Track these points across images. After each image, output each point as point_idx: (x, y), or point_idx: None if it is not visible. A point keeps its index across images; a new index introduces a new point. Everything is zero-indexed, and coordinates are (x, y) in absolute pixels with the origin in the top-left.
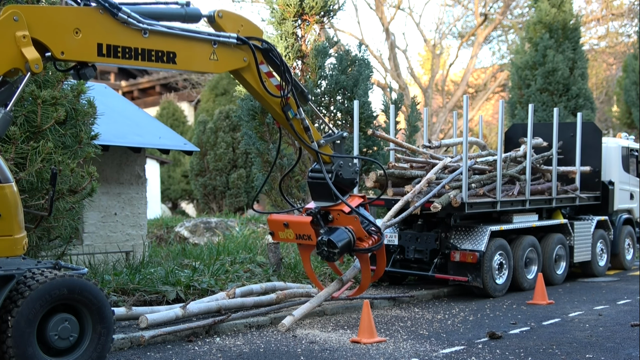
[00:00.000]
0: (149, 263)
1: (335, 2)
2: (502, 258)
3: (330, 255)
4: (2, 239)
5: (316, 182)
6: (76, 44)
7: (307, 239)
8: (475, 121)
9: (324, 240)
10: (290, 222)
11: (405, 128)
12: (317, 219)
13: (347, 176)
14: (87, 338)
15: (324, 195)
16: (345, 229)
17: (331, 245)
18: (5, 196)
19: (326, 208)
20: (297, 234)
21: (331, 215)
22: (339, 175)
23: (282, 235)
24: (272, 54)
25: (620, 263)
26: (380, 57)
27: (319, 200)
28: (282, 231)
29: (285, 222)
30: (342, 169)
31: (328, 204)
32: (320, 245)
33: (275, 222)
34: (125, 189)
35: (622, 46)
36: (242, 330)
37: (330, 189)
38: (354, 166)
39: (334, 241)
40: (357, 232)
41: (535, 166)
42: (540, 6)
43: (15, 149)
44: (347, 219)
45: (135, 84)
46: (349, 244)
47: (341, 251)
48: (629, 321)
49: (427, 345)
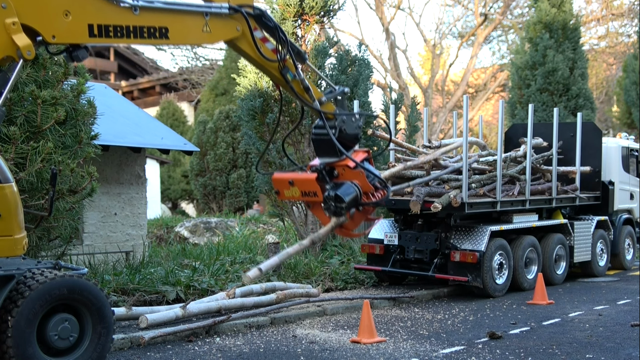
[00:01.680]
0: (149, 263)
1: (335, 2)
2: (502, 258)
3: (337, 210)
4: (2, 239)
5: (320, 139)
6: (67, 27)
7: (314, 196)
8: (475, 121)
9: (330, 195)
10: (296, 180)
11: (405, 128)
12: (323, 175)
13: (350, 131)
14: (87, 338)
15: (328, 152)
16: (351, 183)
17: (338, 200)
18: (5, 196)
19: (331, 164)
20: (302, 191)
21: (336, 171)
22: (342, 131)
23: (288, 193)
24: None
25: (620, 263)
26: (380, 57)
27: (323, 157)
28: (287, 189)
29: (291, 179)
30: (345, 124)
31: (333, 160)
32: (328, 200)
33: (280, 180)
34: (125, 189)
35: (622, 46)
36: (242, 330)
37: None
38: (357, 121)
39: (341, 196)
40: (363, 186)
41: (535, 166)
42: (540, 6)
43: (15, 149)
44: (352, 174)
45: (135, 84)
46: (356, 199)
47: (349, 205)
48: (629, 321)
49: (427, 345)
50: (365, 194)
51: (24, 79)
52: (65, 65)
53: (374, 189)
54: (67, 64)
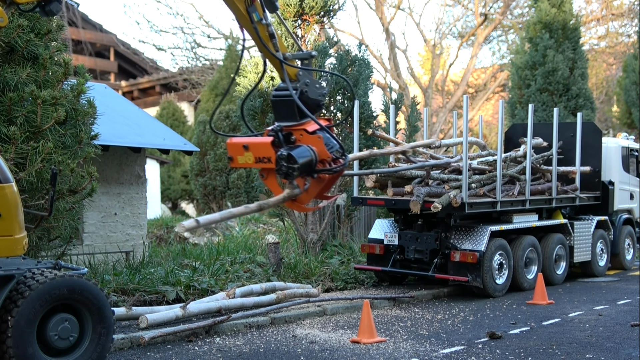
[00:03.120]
0: (149, 263)
1: (335, 2)
2: (502, 258)
3: (289, 171)
4: (3, 239)
5: (280, 100)
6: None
7: (268, 162)
8: (475, 121)
9: (283, 155)
10: (250, 144)
11: (405, 128)
12: (279, 140)
13: (312, 96)
14: (87, 338)
15: (287, 115)
16: (308, 147)
17: (291, 161)
18: (6, 196)
19: (289, 128)
20: (256, 157)
21: (294, 135)
22: (304, 93)
23: (242, 159)
24: None
25: (620, 263)
26: (380, 57)
27: (281, 120)
28: (241, 155)
29: (245, 144)
30: (308, 87)
31: (291, 123)
32: (279, 160)
33: (234, 145)
34: (125, 189)
35: (622, 46)
36: (242, 330)
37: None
38: (321, 88)
39: (294, 156)
40: (321, 153)
41: (535, 166)
42: (540, 6)
43: (15, 149)
44: (310, 139)
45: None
46: (310, 163)
47: (301, 168)
48: (629, 321)
49: (427, 345)
50: (322, 162)
51: (24, 79)
52: (65, 65)
53: (331, 158)
54: (68, 63)
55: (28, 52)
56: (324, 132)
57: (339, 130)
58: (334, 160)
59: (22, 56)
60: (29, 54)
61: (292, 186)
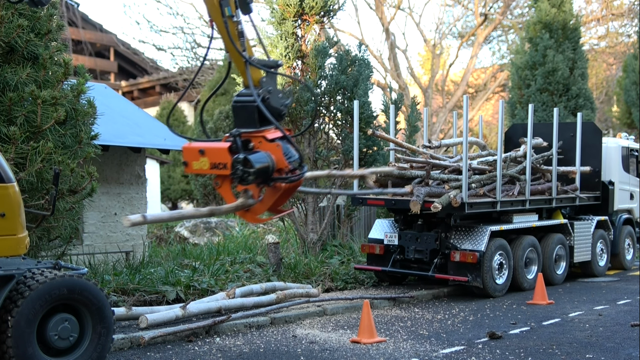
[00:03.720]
0: (149, 263)
1: (335, 2)
2: (502, 258)
3: (244, 175)
4: (7, 239)
5: (240, 106)
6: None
7: (223, 168)
8: (475, 121)
9: (239, 158)
10: (207, 149)
11: (405, 128)
12: (236, 145)
13: (274, 104)
14: (87, 338)
15: (247, 121)
16: (266, 153)
17: (247, 164)
18: (9, 196)
19: (248, 134)
20: (212, 163)
21: (252, 143)
22: (265, 100)
23: (197, 165)
24: None
25: (620, 263)
26: (380, 57)
27: (241, 126)
28: (196, 160)
29: (202, 149)
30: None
31: (250, 129)
32: (235, 164)
33: (190, 149)
34: (125, 189)
35: (622, 46)
36: (242, 330)
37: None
38: (284, 98)
39: (251, 160)
40: (278, 161)
41: (535, 166)
42: (540, 6)
43: (15, 149)
44: (269, 147)
45: (135, 84)
46: (267, 169)
47: (257, 173)
48: (629, 321)
49: (427, 345)
50: (279, 171)
51: (24, 79)
52: (65, 65)
53: (289, 168)
54: (68, 63)
55: (28, 52)
56: (284, 141)
57: (339, 131)
58: (292, 171)
59: (22, 56)
60: (29, 54)
61: (247, 195)
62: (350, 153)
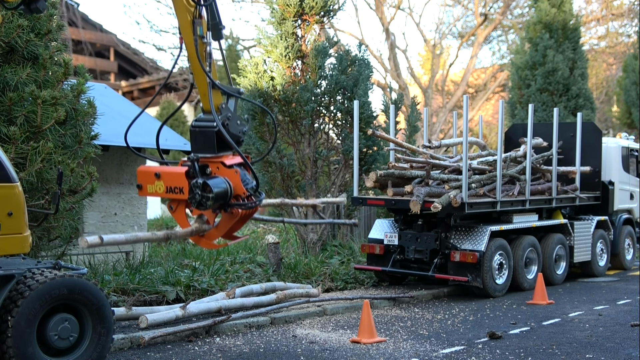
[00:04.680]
0: (149, 263)
1: (335, 2)
2: (502, 258)
3: (202, 200)
4: (14, 237)
5: (199, 131)
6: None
7: (179, 193)
8: (475, 121)
9: (198, 183)
10: (163, 173)
11: (405, 128)
12: (194, 170)
13: (233, 131)
14: (87, 338)
15: (205, 146)
16: (224, 179)
17: (206, 189)
18: (16, 195)
19: (206, 159)
20: (167, 187)
21: (209, 168)
22: (225, 126)
23: (151, 189)
24: None
25: (620, 263)
26: (380, 57)
27: (199, 151)
28: (151, 184)
29: (157, 172)
30: (229, 121)
31: (208, 155)
32: (194, 188)
33: (145, 172)
34: (125, 189)
35: (622, 46)
36: (242, 330)
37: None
38: (242, 125)
39: (210, 185)
40: (236, 187)
41: (535, 166)
42: (540, 6)
43: (15, 149)
44: (227, 172)
45: (135, 84)
46: (226, 194)
47: (216, 198)
48: (629, 321)
49: (427, 345)
50: (236, 198)
51: (24, 79)
52: (65, 65)
53: (246, 194)
54: (68, 63)
55: (28, 52)
56: (241, 168)
57: (339, 131)
58: (248, 197)
59: (22, 56)
60: (29, 54)
61: (202, 221)
62: (350, 153)
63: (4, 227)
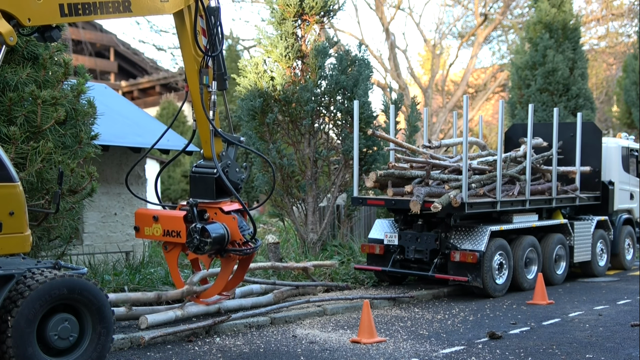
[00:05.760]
0: (149, 263)
1: (335, 2)
2: (502, 258)
3: (200, 244)
4: (15, 236)
5: (199, 177)
6: (40, 9)
7: (176, 236)
8: (475, 121)
9: (197, 228)
10: (161, 216)
11: (405, 128)
12: (192, 215)
13: (232, 178)
14: (87, 338)
15: (204, 192)
16: (222, 225)
17: (205, 234)
18: (17, 195)
19: (205, 205)
20: (165, 230)
21: (207, 213)
22: (224, 173)
23: (148, 231)
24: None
25: (620, 263)
26: (380, 57)
27: (197, 196)
28: (149, 226)
29: (156, 215)
30: (229, 168)
31: (207, 200)
32: (192, 233)
33: (143, 215)
34: (125, 189)
35: (622, 46)
36: (242, 330)
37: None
38: (241, 173)
39: (208, 230)
40: (233, 233)
41: (535, 166)
42: (540, 6)
43: (15, 149)
44: (224, 218)
45: (135, 84)
46: (223, 239)
47: (214, 242)
48: (629, 321)
49: (427, 345)
50: (232, 244)
51: (24, 79)
52: (65, 65)
53: (243, 241)
54: (68, 63)
55: (28, 52)
56: (239, 214)
57: (339, 131)
58: (245, 244)
59: (22, 56)
60: (29, 54)
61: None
62: (350, 153)
63: (5, 227)
